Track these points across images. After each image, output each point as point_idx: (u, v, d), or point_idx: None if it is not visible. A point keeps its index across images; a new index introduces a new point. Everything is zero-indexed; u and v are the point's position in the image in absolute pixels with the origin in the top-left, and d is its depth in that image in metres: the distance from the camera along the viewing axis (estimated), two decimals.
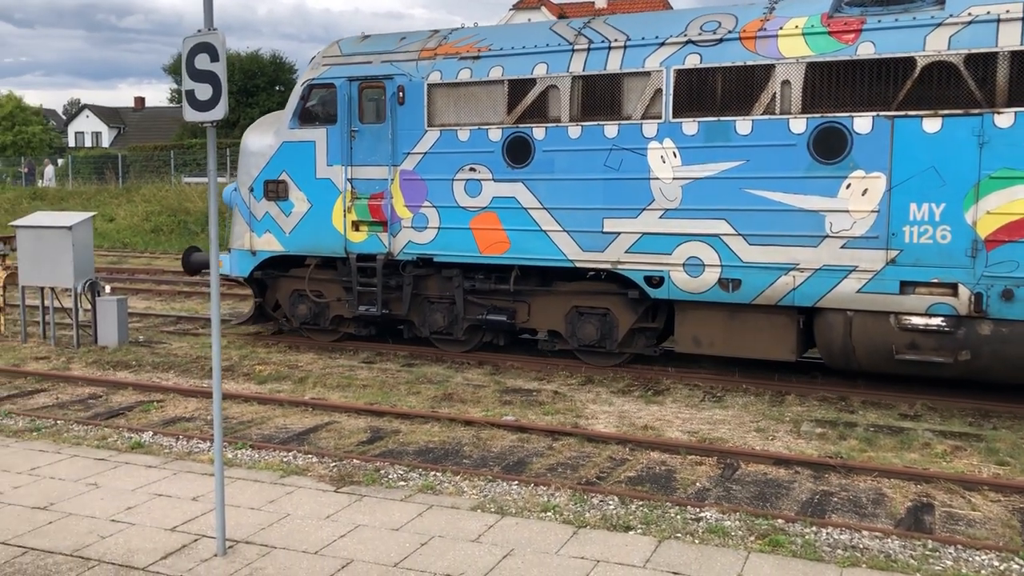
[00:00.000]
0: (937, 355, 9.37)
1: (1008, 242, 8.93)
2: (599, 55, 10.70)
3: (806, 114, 9.68)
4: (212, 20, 5.55)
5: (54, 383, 10.99)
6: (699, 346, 10.69)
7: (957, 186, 9.09)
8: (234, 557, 5.73)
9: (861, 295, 9.57)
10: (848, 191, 9.52)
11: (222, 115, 5.53)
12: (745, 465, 7.78)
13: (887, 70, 9.35)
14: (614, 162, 10.61)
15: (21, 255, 13.29)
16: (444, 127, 11.58)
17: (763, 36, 9.92)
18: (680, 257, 10.38)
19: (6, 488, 7.02)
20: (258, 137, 13.07)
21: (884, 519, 6.58)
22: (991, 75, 8.93)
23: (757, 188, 9.93)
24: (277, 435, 8.72)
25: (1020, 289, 8.88)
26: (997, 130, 8.90)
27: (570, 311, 11.47)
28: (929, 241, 9.23)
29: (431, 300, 12.31)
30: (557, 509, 6.55)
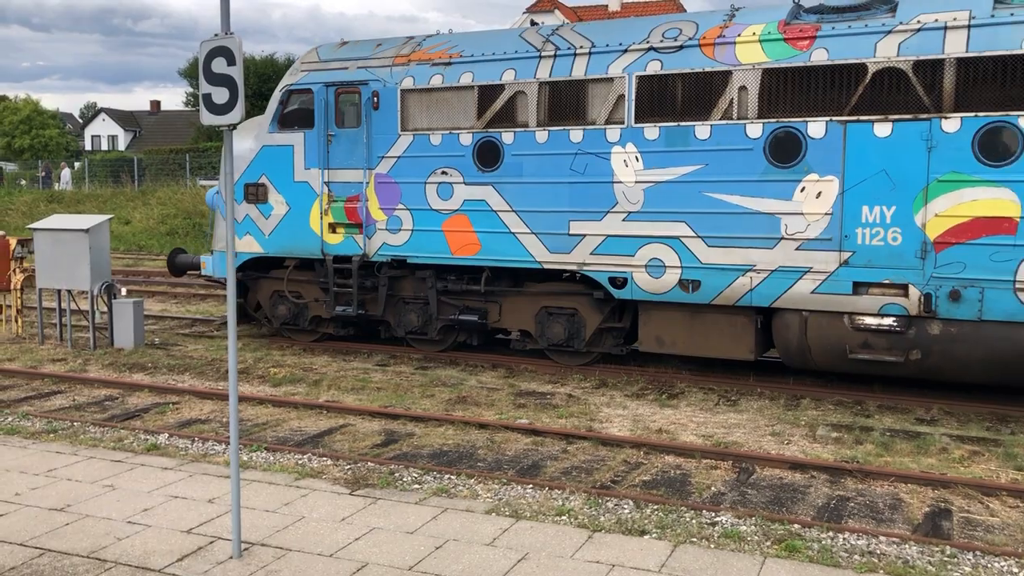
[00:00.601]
0: (889, 354, 9.57)
1: (956, 244, 9.14)
2: (565, 61, 10.97)
3: (762, 119, 9.93)
4: (229, 24, 5.58)
5: (71, 385, 11.06)
6: (662, 345, 10.91)
7: (907, 189, 9.31)
8: (249, 559, 5.75)
9: (815, 296, 9.77)
10: (802, 194, 9.76)
11: (239, 118, 5.56)
12: (760, 469, 7.74)
13: (840, 76, 9.60)
14: (579, 166, 10.87)
15: (38, 258, 13.38)
16: (417, 131, 11.86)
17: (721, 43, 10.15)
18: (642, 259, 10.64)
19: (24, 489, 7.07)
20: (239, 141, 13.21)
21: (901, 524, 6.53)
22: (938, 81, 9.16)
23: (715, 191, 10.17)
24: (292, 437, 8.74)
25: (967, 290, 9.09)
26: (944, 134, 9.12)
27: (539, 311, 11.72)
28: (880, 243, 9.45)
29: (406, 300, 12.55)
30: (572, 513, 6.54)
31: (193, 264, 14.19)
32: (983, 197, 9.03)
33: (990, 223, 9.01)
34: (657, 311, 10.83)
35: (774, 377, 11.06)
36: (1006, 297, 8.97)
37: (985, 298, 9.05)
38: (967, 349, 9.25)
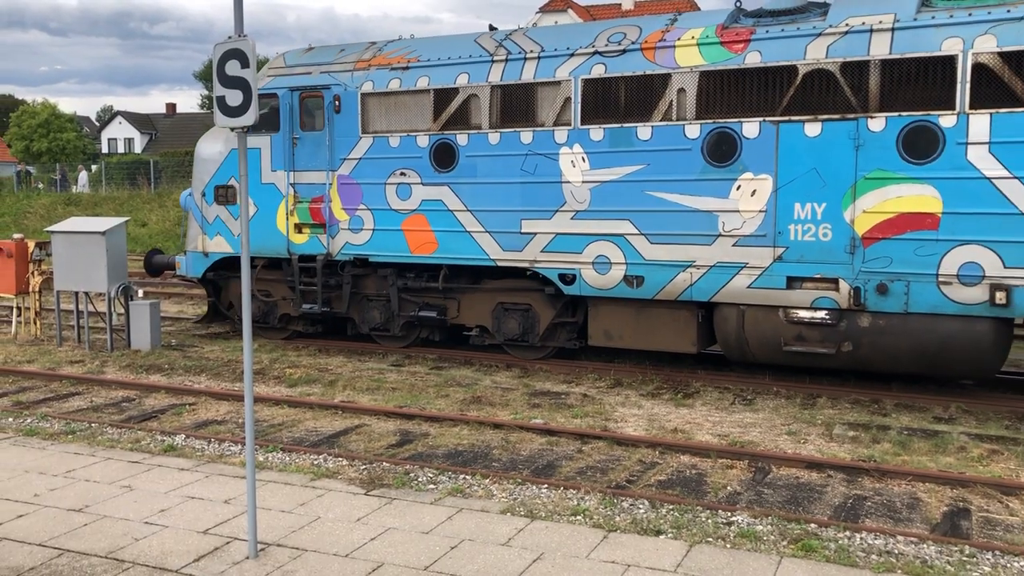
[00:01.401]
0: (822, 346, 9.90)
1: (882, 239, 9.48)
2: (515, 66, 11.33)
3: (700, 120, 10.28)
4: (242, 27, 5.60)
5: (88, 386, 11.14)
6: (610, 339, 11.26)
7: (836, 187, 9.64)
8: (266, 560, 5.77)
9: (752, 290, 10.12)
10: (738, 192, 10.10)
11: (252, 120, 5.58)
12: (777, 469, 7.70)
13: (772, 78, 9.93)
14: (530, 166, 11.24)
15: (56, 260, 13.49)
16: (377, 134, 12.25)
17: (662, 47, 10.51)
18: (590, 256, 11.00)
19: (42, 490, 7.12)
20: (209, 145, 13.74)
21: (919, 524, 6.49)
22: (864, 82, 9.49)
23: (657, 190, 10.53)
24: (308, 438, 8.77)
25: (893, 283, 9.44)
26: (871, 134, 9.44)
27: (496, 307, 12.07)
28: (812, 239, 9.78)
29: (369, 298, 12.93)
30: (587, 513, 6.53)
31: (169, 264, 14.60)
32: (907, 194, 9.34)
33: (914, 219, 9.33)
34: (605, 306, 11.19)
35: (790, 376, 11.01)
36: (930, 290, 9.30)
37: (911, 291, 9.38)
38: (895, 340, 9.56)
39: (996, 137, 9.00)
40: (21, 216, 34.34)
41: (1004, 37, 8.96)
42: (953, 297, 9.22)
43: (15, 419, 9.45)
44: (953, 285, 9.21)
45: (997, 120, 8.98)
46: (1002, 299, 8.96)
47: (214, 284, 14.10)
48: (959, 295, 9.19)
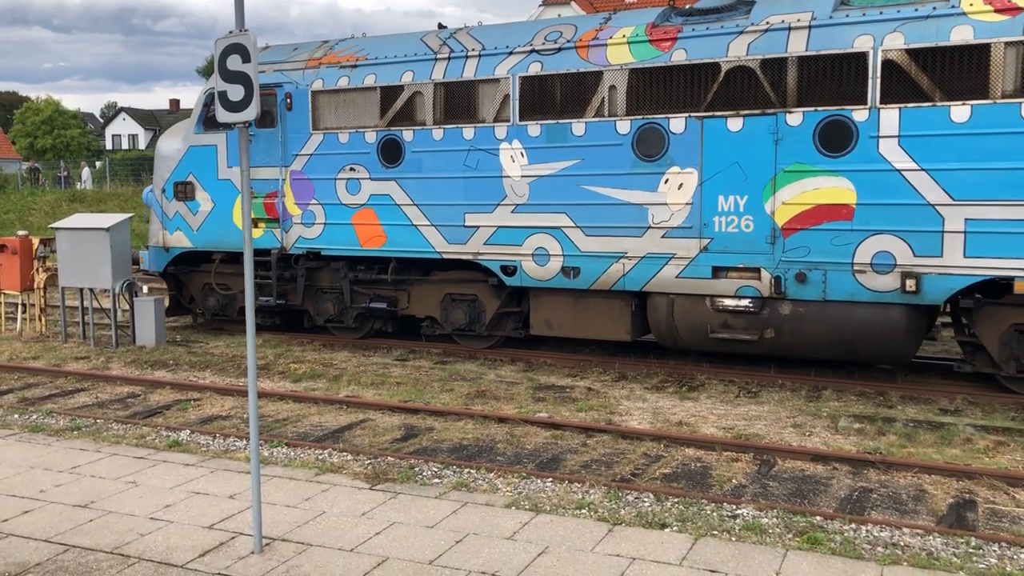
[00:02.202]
0: (746, 333, 10.28)
1: (801, 230, 9.85)
2: (458, 64, 11.66)
3: (630, 116, 10.62)
4: (243, 22, 5.59)
5: (94, 382, 11.16)
6: (551, 329, 11.65)
7: (757, 180, 10.01)
8: (271, 555, 5.78)
9: (680, 280, 10.53)
10: (666, 186, 10.48)
11: (254, 115, 5.57)
12: (782, 461, 7.69)
13: (697, 75, 10.29)
14: (472, 162, 11.60)
15: (60, 257, 13.51)
16: (327, 130, 12.58)
17: (595, 45, 10.82)
18: (529, 248, 11.37)
19: (48, 486, 7.14)
20: (169, 142, 14.07)
21: (925, 516, 6.47)
22: (783, 78, 9.85)
23: (591, 184, 10.91)
24: (312, 433, 8.77)
25: (812, 272, 9.83)
26: (789, 128, 9.81)
27: (444, 298, 12.44)
28: (735, 230, 10.16)
29: (323, 290, 13.26)
30: (592, 506, 6.52)
31: (133, 259, 14.71)
32: (824, 186, 9.72)
33: (830, 210, 9.70)
34: (545, 296, 11.57)
35: (795, 369, 10.99)
36: (846, 278, 9.69)
37: (828, 279, 9.77)
38: (814, 327, 9.94)
39: (905, 131, 9.36)
40: (26, 213, 34.37)
41: (911, 35, 9.32)
42: (867, 285, 9.60)
43: (20, 415, 9.47)
44: (867, 273, 9.59)
45: (906, 114, 9.34)
46: (912, 286, 9.38)
47: (176, 278, 14.46)
48: (873, 283, 9.57)
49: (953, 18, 9.20)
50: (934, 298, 9.46)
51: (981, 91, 9.06)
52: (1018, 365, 9.45)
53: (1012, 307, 9.39)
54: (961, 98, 9.14)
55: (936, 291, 9.39)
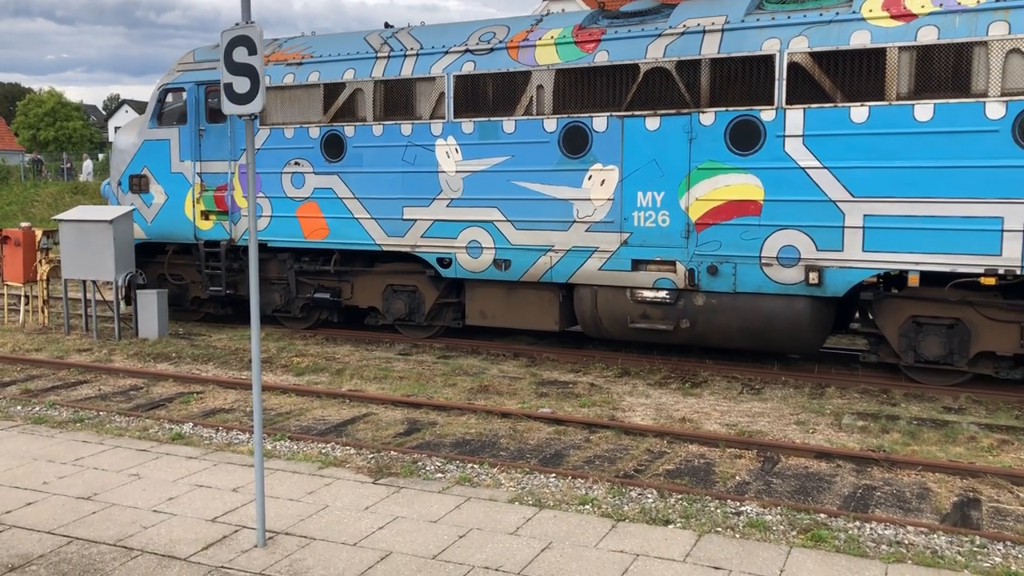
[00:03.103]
0: (663, 323, 10.75)
1: (713, 224, 10.30)
2: (396, 62, 12.12)
3: (556, 115, 11.07)
4: (250, 14, 5.57)
5: (96, 375, 11.15)
6: (485, 319, 12.10)
7: (673, 176, 10.46)
8: (274, 548, 5.77)
9: (602, 272, 10.97)
10: (590, 182, 10.93)
11: (260, 108, 5.57)
12: (785, 458, 7.68)
13: (618, 75, 10.70)
14: (410, 157, 12.05)
15: (63, 249, 13.50)
16: (274, 126, 13.05)
17: (524, 46, 11.28)
18: (464, 240, 11.82)
19: (51, 478, 7.13)
20: (125, 136, 14.60)
21: (929, 514, 6.46)
22: (696, 79, 10.29)
23: (521, 180, 11.34)
24: (315, 427, 8.77)
25: (723, 265, 10.27)
26: (702, 127, 10.26)
27: (386, 289, 12.90)
28: (653, 225, 10.62)
29: (271, 281, 13.66)
30: (595, 502, 6.51)
31: None
32: (734, 183, 10.16)
33: (740, 205, 10.15)
34: (480, 288, 12.02)
35: (799, 366, 10.97)
36: (754, 271, 10.15)
37: (738, 272, 10.22)
38: (726, 318, 10.41)
39: (809, 130, 9.79)
40: (28, 205, 34.38)
41: (815, 38, 9.75)
42: (774, 277, 10.06)
43: (23, 407, 9.47)
44: (774, 266, 10.05)
45: (810, 115, 9.78)
46: (815, 279, 9.82)
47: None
48: (779, 276, 10.03)
49: (853, 23, 9.62)
50: (835, 290, 9.84)
51: (878, 93, 9.48)
52: (916, 355, 9.87)
53: (910, 299, 9.85)
54: (860, 99, 9.56)
55: (837, 284, 9.81)
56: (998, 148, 9.03)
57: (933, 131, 9.29)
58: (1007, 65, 8.95)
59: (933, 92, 9.27)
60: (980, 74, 9.07)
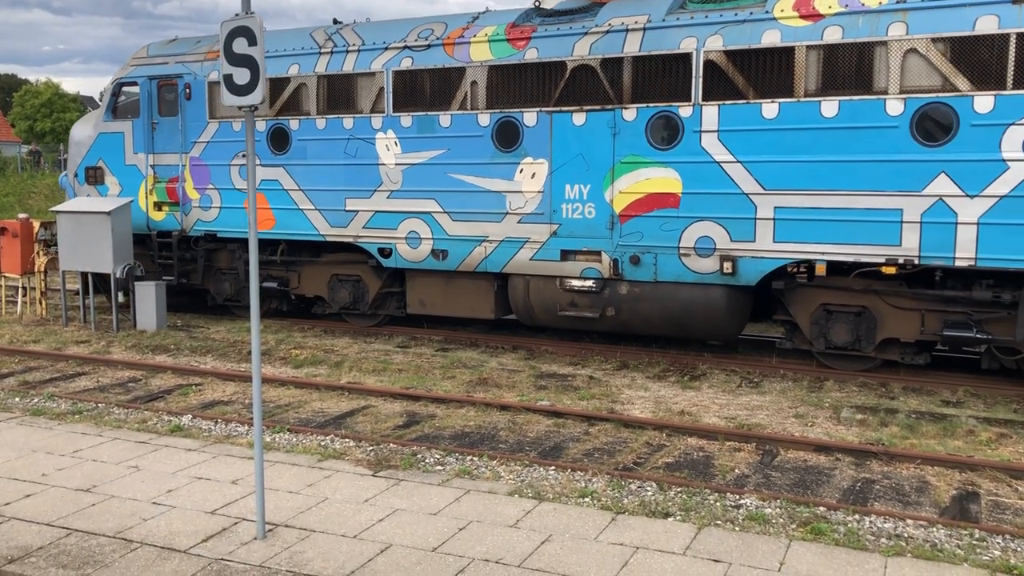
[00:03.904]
0: (590, 311, 11.13)
1: (635, 216, 10.68)
2: (339, 58, 12.45)
3: (490, 110, 11.44)
4: (249, 4, 5.54)
5: (95, 366, 11.14)
6: (424, 307, 12.49)
7: (598, 170, 10.84)
8: (274, 540, 5.77)
9: (534, 262, 11.36)
10: (521, 175, 11.29)
11: (260, 99, 5.54)
12: (784, 452, 7.68)
13: (547, 72, 11.07)
14: (352, 150, 12.40)
15: (61, 240, 13.47)
16: (222, 119, 13.42)
17: (460, 43, 11.61)
18: (403, 231, 12.19)
19: (50, 470, 7.13)
20: (81, 129, 14.96)
21: (928, 507, 6.47)
22: (619, 76, 10.64)
23: (457, 172, 11.71)
24: (314, 419, 8.76)
25: (644, 255, 10.68)
26: (625, 123, 10.63)
27: (331, 278, 13.29)
28: (580, 216, 10.98)
29: (222, 271, 14.12)
30: (595, 495, 6.51)
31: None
32: (654, 176, 10.53)
33: (660, 198, 10.54)
34: (420, 277, 12.40)
35: (797, 359, 10.98)
36: (673, 261, 10.56)
37: (658, 262, 10.64)
38: (648, 306, 10.82)
39: (724, 126, 10.17)
40: (25, 196, 34.30)
41: (729, 37, 10.11)
42: (692, 267, 10.47)
43: (22, 399, 9.45)
44: (691, 256, 10.45)
45: (724, 111, 10.15)
46: (729, 268, 10.23)
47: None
48: (696, 265, 10.44)
49: (765, 23, 10.00)
50: (748, 279, 10.26)
51: (787, 90, 9.87)
52: (826, 342, 10.30)
53: (820, 288, 10.26)
54: (770, 96, 9.95)
55: (750, 273, 10.23)
56: (897, 143, 9.42)
57: (838, 127, 9.67)
58: (905, 64, 9.36)
59: (838, 89, 9.67)
60: (881, 72, 9.48)
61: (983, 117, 9.08)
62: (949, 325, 9.59)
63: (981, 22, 9.04)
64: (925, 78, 9.30)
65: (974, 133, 9.11)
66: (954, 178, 9.22)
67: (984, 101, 9.05)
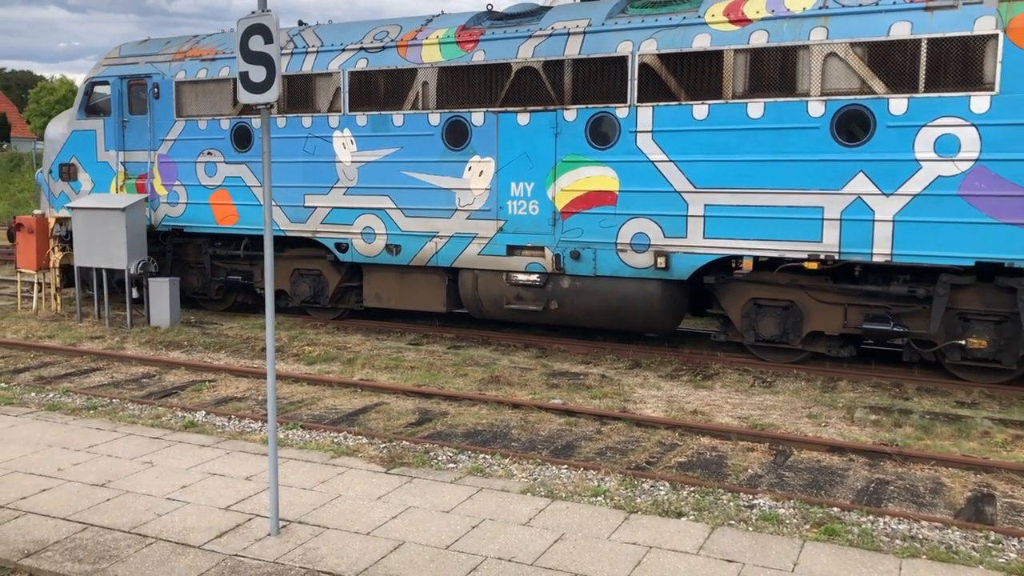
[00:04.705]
0: (534, 304, 11.53)
1: (575, 213, 11.07)
2: (299, 58, 12.90)
3: (440, 110, 11.85)
4: (265, 2, 5.55)
5: (109, 362, 11.19)
6: (380, 301, 12.85)
7: (541, 168, 11.23)
8: (287, 537, 5.79)
9: (482, 257, 11.74)
10: (470, 173, 11.70)
11: (276, 96, 5.54)
12: (798, 452, 7.66)
13: (493, 74, 11.45)
14: (310, 148, 12.84)
15: (76, 237, 13.55)
16: (189, 117, 13.92)
17: (412, 45, 12.04)
18: (359, 227, 12.58)
19: (66, 465, 7.17)
20: (56, 127, 15.42)
21: (943, 509, 6.43)
22: (561, 78, 11.04)
23: (409, 170, 12.13)
24: (327, 416, 8.78)
25: (584, 251, 11.07)
26: (566, 123, 11.02)
27: (292, 272, 13.69)
28: (525, 213, 11.40)
29: (189, 265, 14.56)
30: (608, 494, 6.51)
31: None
32: (593, 175, 10.93)
33: (598, 196, 10.92)
34: (376, 272, 12.78)
35: (811, 359, 10.93)
36: (611, 256, 10.95)
37: (597, 257, 11.01)
38: (588, 299, 11.21)
39: (657, 127, 10.55)
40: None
41: (663, 41, 10.48)
42: (628, 262, 10.87)
43: (37, 394, 9.51)
44: (628, 252, 10.85)
45: (658, 112, 10.54)
46: (663, 263, 10.66)
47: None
48: (633, 260, 10.84)
49: (696, 27, 10.37)
50: (680, 274, 10.66)
51: (716, 92, 10.25)
52: (756, 335, 10.69)
53: (750, 283, 10.61)
54: (701, 98, 10.33)
55: (682, 268, 10.63)
56: (819, 144, 9.81)
57: (764, 127, 10.05)
58: (826, 67, 9.74)
59: (764, 91, 10.04)
60: (804, 75, 9.86)
61: (898, 119, 9.45)
62: (869, 319, 9.99)
63: (895, 27, 9.40)
64: (844, 81, 9.68)
65: (889, 134, 9.48)
66: (871, 177, 9.59)
67: (898, 103, 9.44)
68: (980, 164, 9.13)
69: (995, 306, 9.49)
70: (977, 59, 9.07)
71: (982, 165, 9.13)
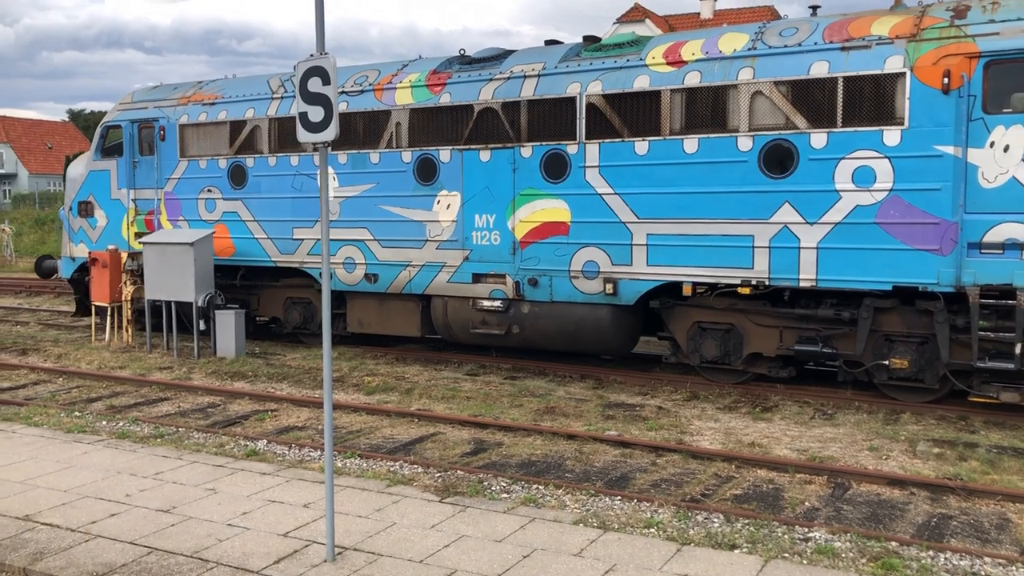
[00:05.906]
0: (498, 329, 12.23)
1: (533, 242, 11.84)
2: (288, 102, 13.90)
3: (412, 148, 12.73)
4: (324, 45, 5.77)
5: (176, 392, 11.54)
6: (362, 327, 13.67)
7: (502, 201, 12.04)
8: (343, 563, 5.90)
9: (450, 284, 12.54)
10: (439, 206, 12.55)
11: (333, 136, 5.74)
12: (857, 485, 7.52)
13: (458, 114, 12.33)
14: (298, 184, 13.81)
15: (147, 270, 14.04)
16: (191, 157, 15.00)
17: (387, 88, 12.99)
18: (341, 257, 13.45)
19: (133, 491, 7.42)
20: (76, 167, 16.64)
21: (1009, 546, 6.26)
22: (518, 118, 11.83)
23: (385, 204, 13.00)
24: (384, 445, 8.92)
25: (541, 278, 11.82)
26: (523, 159, 11.81)
27: (285, 301, 14.73)
28: (487, 243, 12.16)
29: None
30: (660, 525, 6.48)
31: (55, 268, 17.13)
32: (548, 207, 11.69)
33: (552, 227, 11.68)
34: (358, 299, 13.60)
35: (872, 391, 10.73)
36: (565, 283, 11.66)
37: (553, 284, 11.74)
38: (547, 324, 11.89)
39: (604, 162, 11.26)
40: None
41: (607, 82, 11.20)
42: (581, 288, 11.56)
43: (108, 422, 9.86)
44: (580, 279, 11.53)
45: (604, 148, 11.24)
46: (611, 290, 11.31)
47: (83, 284, 16.18)
48: (584, 287, 11.52)
49: (637, 69, 11.10)
50: (627, 299, 11.28)
51: (655, 129, 10.92)
52: (700, 356, 11.23)
53: (695, 307, 11.23)
54: (642, 135, 11.01)
55: (628, 293, 11.27)
56: (748, 176, 10.40)
57: (698, 161, 10.68)
58: (753, 105, 10.35)
59: (698, 128, 10.69)
60: (733, 112, 10.47)
61: (818, 152, 10.00)
62: (801, 340, 10.50)
63: (815, 67, 10.01)
64: (770, 117, 10.27)
65: (811, 167, 10.04)
66: (796, 207, 10.15)
67: (819, 138, 9.98)
68: (894, 194, 9.64)
69: (916, 328, 9.93)
70: (888, 95, 9.63)
71: (895, 195, 9.64)
